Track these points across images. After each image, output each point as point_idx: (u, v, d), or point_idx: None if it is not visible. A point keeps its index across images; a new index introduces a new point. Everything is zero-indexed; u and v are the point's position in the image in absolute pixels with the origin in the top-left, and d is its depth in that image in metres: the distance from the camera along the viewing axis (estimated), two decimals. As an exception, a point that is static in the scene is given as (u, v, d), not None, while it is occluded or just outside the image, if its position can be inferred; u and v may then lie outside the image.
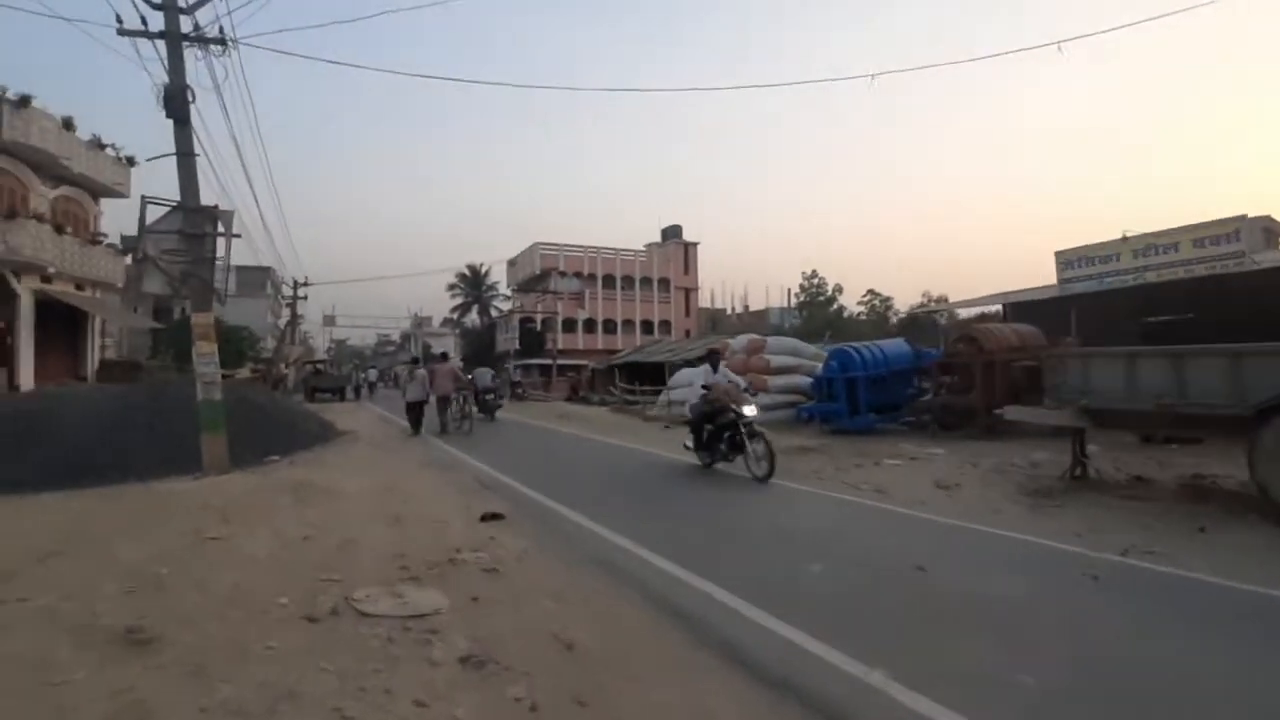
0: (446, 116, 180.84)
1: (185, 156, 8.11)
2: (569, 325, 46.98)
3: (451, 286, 61.41)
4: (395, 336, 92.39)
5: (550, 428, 16.85)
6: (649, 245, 54.86)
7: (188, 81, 8.32)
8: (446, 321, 71.80)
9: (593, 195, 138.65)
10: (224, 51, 8.64)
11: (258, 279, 54.72)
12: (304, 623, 3.44)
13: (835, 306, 49.68)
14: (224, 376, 24.30)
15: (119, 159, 23.46)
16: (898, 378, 13.20)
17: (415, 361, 21.96)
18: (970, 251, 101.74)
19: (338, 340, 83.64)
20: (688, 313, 53.72)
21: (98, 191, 23.37)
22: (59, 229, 20.81)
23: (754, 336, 17.59)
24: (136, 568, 4.12)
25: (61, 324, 22.15)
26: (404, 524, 5.59)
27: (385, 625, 3.44)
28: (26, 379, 19.86)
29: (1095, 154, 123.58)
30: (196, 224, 8.19)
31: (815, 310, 48.87)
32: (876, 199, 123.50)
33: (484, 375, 19.34)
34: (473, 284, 61.30)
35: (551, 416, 20.35)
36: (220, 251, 8.31)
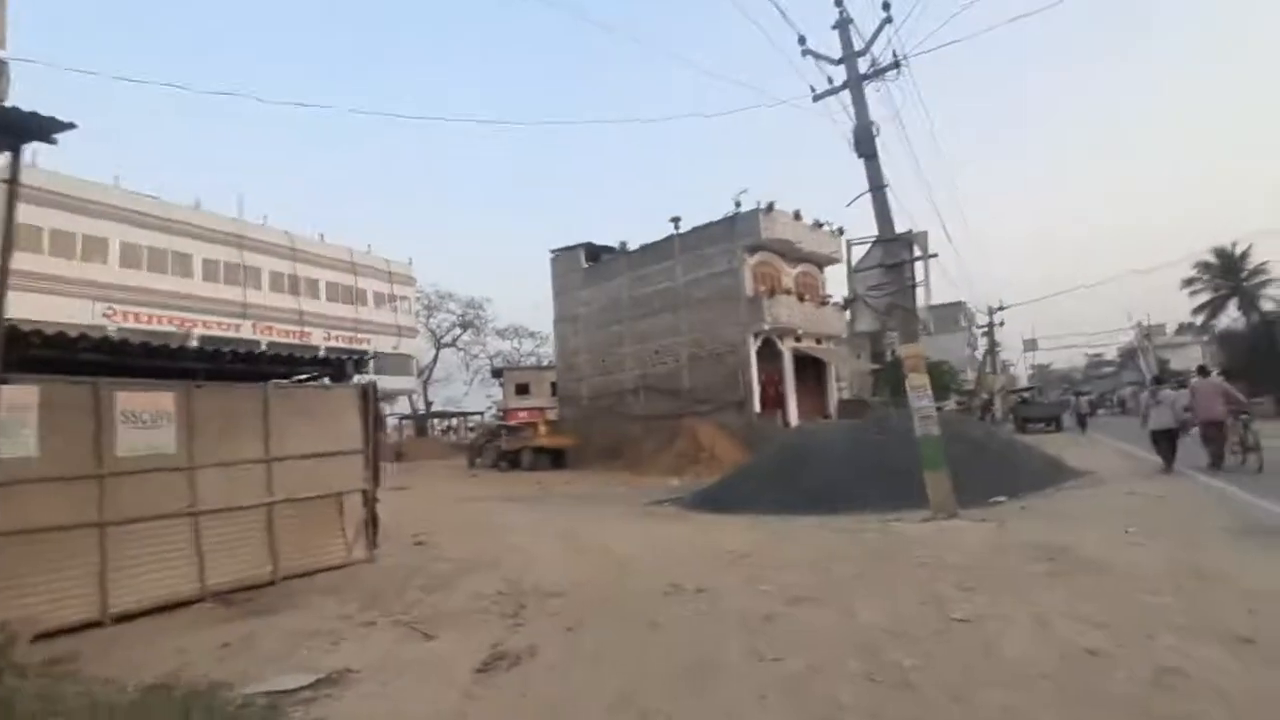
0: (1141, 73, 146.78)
1: (877, 190, 8.12)
2: None
3: (1189, 281, 47.12)
4: (1111, 354, 78.24)
5: None
6: None
7: (871, 119, 8.40)
8: (1185, 328, 55.75)
9: None
10: (898, 75, 8.40)
11: (950, 314, 56.48)
12: None
13: None
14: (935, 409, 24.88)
15: (831, 231, 28.08)
16: None
17: (1158, 381, 17.13)
18: None
19: (1039, 365, 77.23)
20: None
21: (821, 263, 28.47)
22: (800, 298, 26.27)
23: None
24: (877, 642, 3.45)
25: (810, 373, 27.66)
26: None
27: None
28: (793, 417, 25.43)
29: None
30: (894, 253, 8.00)
31: None
32: None
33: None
34: (1224, 271, 45.37)
35: None
36: (919, 276, 7.84)
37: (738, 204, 25.01)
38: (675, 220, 27.41)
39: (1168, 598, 4.13)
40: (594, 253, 30.37)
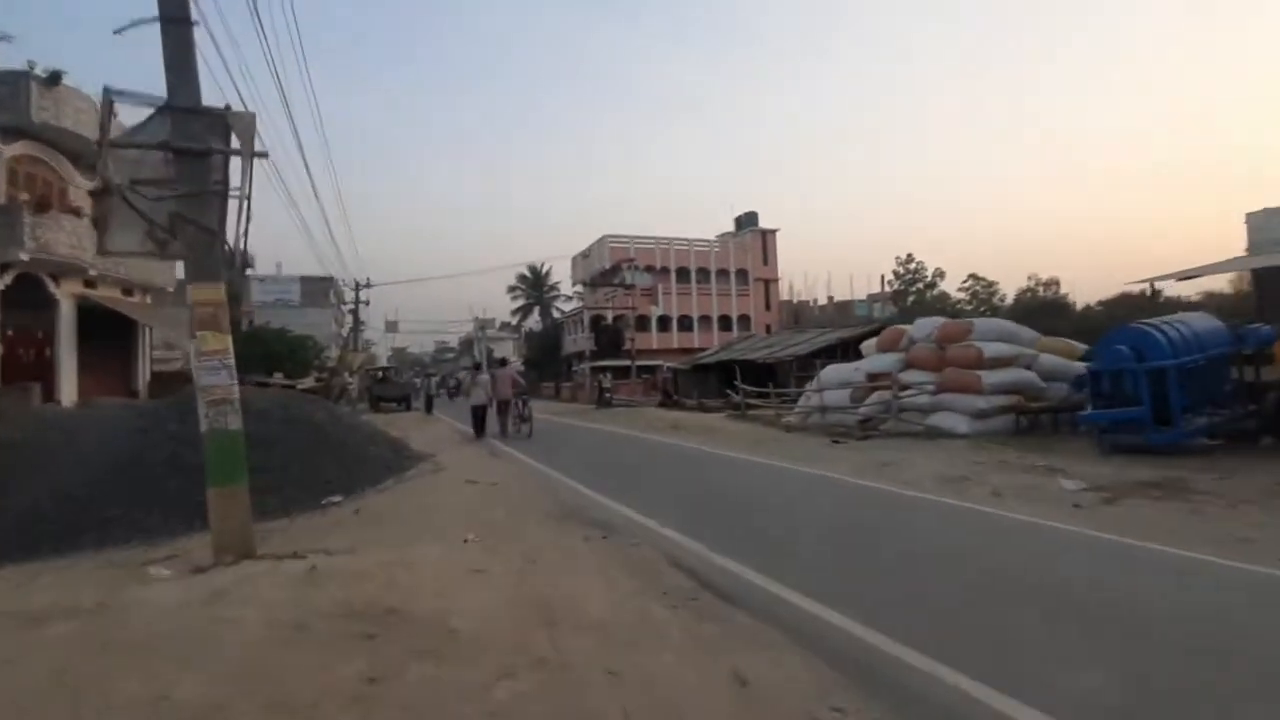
0: (506, 107, 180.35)
1: (175, 24, 4.84)
2: (642, 323, 43.41)
3: (512, 289, 58.82)
4: (454, 343, 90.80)
5: (679, 444, 13.19)
6: (722, 235, 50.86)
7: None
8: (505, 325, 69.48)
9: (658, 185, 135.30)
10: None
11: (321, 288, 53.46)
12: None
13: (936, 292, 44.51)
14: (285, 387, 21.53)
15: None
16: (1213, 367, 8.90)
17: (478, 367, 19.70)
18: (1091, 230, 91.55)
19: (397, 348, 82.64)
20: (768, 305, 49.39)
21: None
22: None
23: (947, 320, 13.48)
24: None
25: (113, 334, 19.94)
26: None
27: None
28: (69, 394, 17.60)
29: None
30: (195, 134, 4.87)
31: (913, 299, 43.87)
32: (970, 175, 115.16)
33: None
34: (534, 285, 58.56)
35: (661, 427, 16.73)
36: (236, 182, 4.99)
37: (-14, 54, 15.61)
38: None
39: (524, 682, 2.75)
40: None
